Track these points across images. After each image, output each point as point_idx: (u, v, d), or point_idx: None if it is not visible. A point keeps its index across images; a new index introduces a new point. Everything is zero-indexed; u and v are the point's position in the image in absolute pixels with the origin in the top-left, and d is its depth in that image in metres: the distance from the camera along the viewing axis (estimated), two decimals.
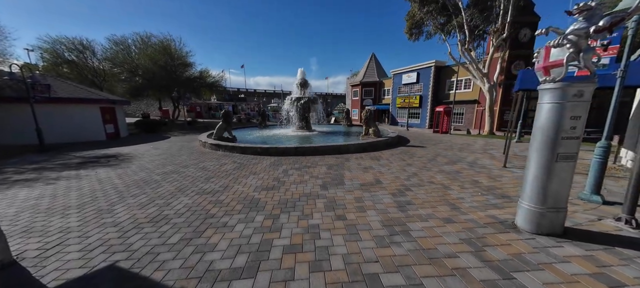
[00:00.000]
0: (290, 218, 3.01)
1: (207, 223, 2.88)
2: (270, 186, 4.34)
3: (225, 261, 2.13)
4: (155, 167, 6.03)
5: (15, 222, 3.03)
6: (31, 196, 3.99)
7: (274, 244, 2.38)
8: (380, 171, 5.35)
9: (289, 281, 1.85)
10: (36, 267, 2.09)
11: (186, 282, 1.88)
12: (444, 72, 22.48)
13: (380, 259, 2.07)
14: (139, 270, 2.04)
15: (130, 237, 2.59)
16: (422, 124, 23.88)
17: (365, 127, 9.99)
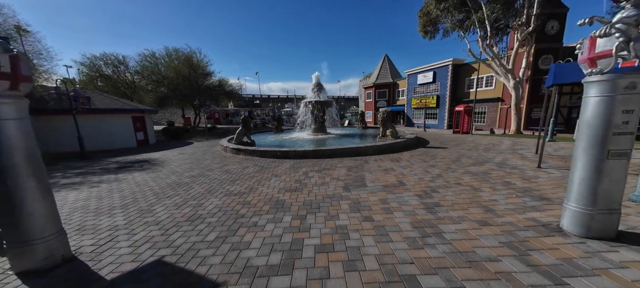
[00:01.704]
0: (317, 219, 3.04)
1: (239, 223, 3.00)
2: (293, 188, 4.42)
3: (261, 258, 2.21)
4: (183, 170, 6.39)
5: (68, 221, 3.36)
6: (79, 198, 4.41)
7: (305, 243, 2.42)
8: (402, 173, 5.24)
9: (324, 279, 1.87)
10: (93, 261, 2.31)
11: (228, 276, 1.97)
12: (463, 70, 21.60)
13: (415, 261, 2.03)
14: (183, 264, 2.18)
15: (172, 234, 2.77)
16: (440, 125, 23.02)
17: (382, 128, 9.85)
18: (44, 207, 2.18)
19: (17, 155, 2.02)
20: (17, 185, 2.03)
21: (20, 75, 2.01)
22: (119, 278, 2.03)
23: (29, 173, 2.09)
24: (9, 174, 2.00)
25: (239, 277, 1.97)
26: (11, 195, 2.01)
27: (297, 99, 53.69)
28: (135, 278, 2.03)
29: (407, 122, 27.02)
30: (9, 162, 1.99)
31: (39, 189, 2.15)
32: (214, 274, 2.02)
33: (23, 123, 2.08)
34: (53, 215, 2.26)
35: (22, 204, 2.06)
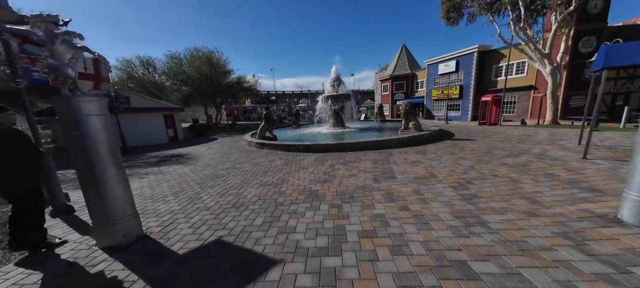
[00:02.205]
0: (353, 207, 3.14)
1: (280, 210, 3.20)
2: (322, 179, 4.55)
3: (309, 241, 2.37)
4: (216, 163, 6.83)
5: None
6: (134, 187, 4.92)
7: (347, 230, 2.54)
8: (431, 165, 5.15)
9: (374, 261, 1.98)
10: (162, 239, 2.63)
11: (283, 255, 2.15)
12: (490, 57, 20.18)
13: (463, 248, 2.05)
14: (240, 244, 2.41)
15: (223, 218, 3.04)
16: (463, 116, 21.87)
17: (404, 121, 9.63)
18: (123, 191, 2.51)
19: (101, 146, 2.35)
20: (102, 172, 2.36)
21: (101, 76, 2.32)
22: (188, 254, 2.30)
23: (111, 162, 2.42)
24: (96, 162, 2.33)
25: (293, 256, 2.14)
26: (98, 181, 2.35)
27: (312, 94, 53.81)
28: (201, 254, 2.29)
29: (426, 115, 26.01)
30: (95, 152, 2.32)
31: (119, 176, 2.48)
32: (270, 253, 2.21)
33: (104, 118, 2.39)
34: (129, 199, 2.59)
35: (106, 189, 2.39)
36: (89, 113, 2.27)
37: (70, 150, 2.29)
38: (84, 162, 2.30)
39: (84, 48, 2.27)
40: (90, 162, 2.31)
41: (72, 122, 2.22)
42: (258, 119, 34.80)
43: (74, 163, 2.32)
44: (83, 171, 2.33)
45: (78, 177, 2.37)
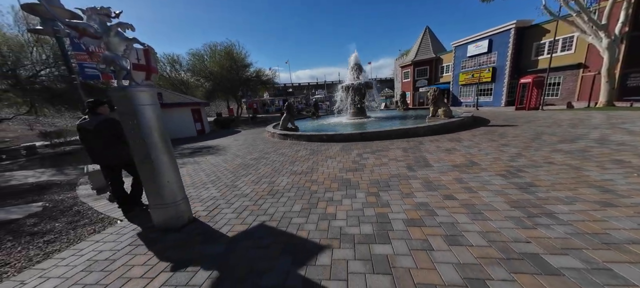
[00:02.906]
0: (391, 196, 3.02)
1: (316, 198, 3.19)
2: (353, 168, 4.46)
3: (353, 228, 2.32)
4: (245, 154, 7.06)
5: None
6: None
7: (391, 218, 2.45)
8: (470, 152, 4.78)
9: (428, 250, 1.87)
10: (210, 222, 2.77)
11: (329, 241, 2.14)
12: (530, 33, 18.00)
13: (532, 240, 1.86)
14: (284, 228, 2.45)
15: (262, 204, 3.12)
16: (495, 102, 20.06)
17: (433, 107, 9.06)
18: (174, 177, 2.66)
19: (155, 134, 2.49)
20: (157, 159, 2.51)
21: (152, 67, 2.42)
22: (237, 236, 2.40)
23: (164, 150, 2.56)
24: (152, 150, 2.47)
25: (340, 242, 2.12)
26: (154, 167, 2.50)
27: (328, 85, 53.06)
28: (248, 236, 2.37)
29: (452, 102, 24.30)
30: (150, 139, 2.46)
31: (171, 162, 2.63)
32: (315, 238, 2.22)
33: (156, 108, 2.52)
34: (180, 184, 2.75)
35: (160, 174, 2.55)
36: (143, 103, 2.40)
37: (129, 139, 2.46)
38: (142, 150, 2.46)
39: (134, 39, 2.37)
40: (147, 149, 2.46)
41: (129, 112, 2.36)
42: (276, 111, 35.32)
43: (132, 151, 2.49)
44: (140, 158, 2.50)
45: (136, 163, 2.55)
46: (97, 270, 2.07)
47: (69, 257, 2.33)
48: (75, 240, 2.67)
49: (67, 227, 3.04)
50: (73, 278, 1.99)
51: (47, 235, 2.83)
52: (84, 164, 7.30)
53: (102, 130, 2.87)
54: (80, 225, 3.05)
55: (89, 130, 2.89)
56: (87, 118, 2.97)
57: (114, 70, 2.34)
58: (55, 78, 12.39)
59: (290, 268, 1.85)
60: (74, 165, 7.38)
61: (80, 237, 2.72)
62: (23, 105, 13.92)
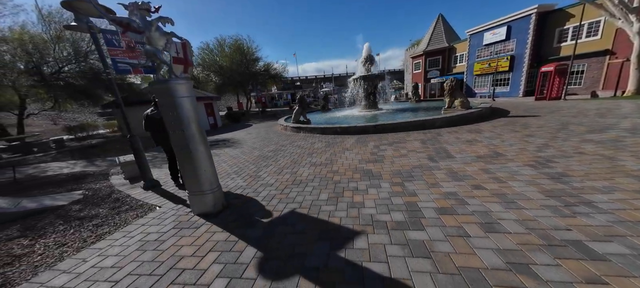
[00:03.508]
0: (417, 185, 3.06)
1: (340, 187, 3.27)
2: (372, 159, 4.49)
3: (384, 215, 2.39)
4: (261, 146, 7.22)
5: None
6: None
7: (421, 206, 2.49)
8: (493, 143, 4.69)
9: (465, 237, 1.91)
10: (243, 209, 2.91)
11: (363, 227, 2.22)
12: (553, 18, 16.98)
13: (573, 227, 1.86)
14: (315, 215, 2.55)
15: (288, 193, 3.24)
16: (513, 92, 19.27)
17: (449, 98, 8.84)
18: (210, 166, 2.80)
19: (192, 125, 2.61)
20: (195, 149, 2.64)
21: (189, 60, 2.51)
22: (271, 222, 2.52)
23: (201, 140, 2.69)
24: (190, 140, 2.61)
25: (373, 228, 2.19)
26: (192, 156, 2.64)
27: (335, 78, 52.41)
28: (283, 222, 2.48)
29: (466, 92, 23.50)
30: (189, 131, 2.59)
31: (207, 152, 2.76)
32: (348, 224, 2.30)
33: (193, 100, 2.63)
34: (214, 173, 2.89)
35: (198, 163, 2.69)
36: (182, 95, 2.51)
37: (169, 130, 2.60)
38: (181, 140, 2.59)
39: (173, 34, 2.47)
40: (186, 140, 2.59)
41: (170, 104, 2.49)
42: (285, 105, 35.38)
43: (172, 140, 2.63)
44: (180, 148, 2.64)
45: (176, 153, 2.70)
46: (150, 249, 2.26)
47: (121, 238, 2.53)
48: (121, 224, 2.88)
49: (110, 212, 3.27)
50: (130, 256, 2.17)
51: (95, 220, 3.07)
52: (113, 156, 7.71)
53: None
54: (122, 210, 3.28)
55: (156, 119, 3.58)
56: (154, 110, 3.62)
57: (154, 64, 2.45)
58: (77, 74, 12.91)
59: (330, 251, 1.94)
60: (102, 156, 7.80)
61: (126, 221, 2.93)
62: (48, 101, 14.66)
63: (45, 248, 2.48)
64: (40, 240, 2.66)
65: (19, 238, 2.74)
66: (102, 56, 3.58)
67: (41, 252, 2.43)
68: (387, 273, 1.62)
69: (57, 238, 2.68)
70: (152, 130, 3.73)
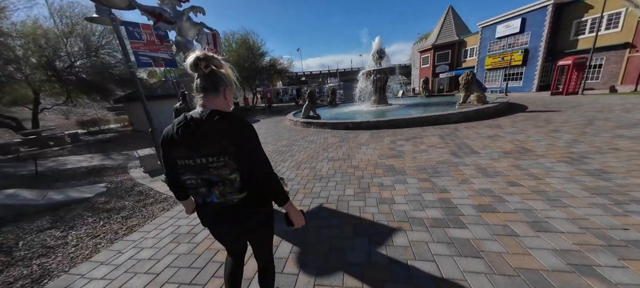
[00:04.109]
0: (446, 181, 2.97)
1: (365, 183, 3.21)
2: (391, 155, 4.41)
3: (418, 212, 2.32)
4: (274, 141, 7.19)
5: None
6: None
7: (456, 203, 2.41)
8: (516, 139, 4.55)
9: (514, 236, 1.83)
10: None
11: (399, 223, 2.16)
12: (570, 10, 16.31)
13: (631, 227, 1.76)
14: (345, 210, 2.51)
15: (312, 188, 3.19)
16: (525, 87, 18.75)
17: (465, 92, 8.61)
18: None
19: None
20: None
21: (219, 52, 2.45)
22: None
23: None
24: None
25: (410, 224, 2.13)
26: None
27: (340, 73, 51.81)
28: (314, 217, 2.45)
29: None
30: None
31: None
32: (382, 221, 2.25)
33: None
34: None
35: None
36: None
37: None
38: None
39: (202, 24, 2.40)
40: None
41: None
42: (290, 100, 35.22)
43: None
44: None
45: None
46: (184, 241, 2.25)
47: (152, 230, 2.54)
48: (150, 216, 2.89)
49: (136, 204, 3.29)
50: (165, 248, 2.17)
51: (122, 212, 3.09)
52: (128, 150, 7.80)
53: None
54: (148, 203, 3.29)
55: (184, 112, 3.67)
56: (182, 103, 3.81)
57: (185, 55, 2.40)
58: (89, 69, 13.03)
59: (370, 247, 1.90)
60: (117, 150, 7.91)
61: (153, 214, 2.94)
62: (61, 96, 14.88)
63: (78, 240, 2.50)
64: (72, 232, 2.69)
65: (50, 229, 2.78)
66: (124, 49, 3.54)
67: (75, 243, 2.45)
68: (437, 273, 1.56)
69: (89, 230, 2.71)
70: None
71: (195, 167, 0.96)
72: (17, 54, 10.65)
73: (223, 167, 0.93)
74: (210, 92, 0.97)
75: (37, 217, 3.12)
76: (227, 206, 0.99)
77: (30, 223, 2.93)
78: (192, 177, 0.98)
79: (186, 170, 0.98)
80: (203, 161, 0.93)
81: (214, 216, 1.05)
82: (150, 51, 3.85)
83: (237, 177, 0.95)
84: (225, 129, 0.92)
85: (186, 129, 0.92)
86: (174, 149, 0.96)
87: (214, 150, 0.91)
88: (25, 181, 4.93)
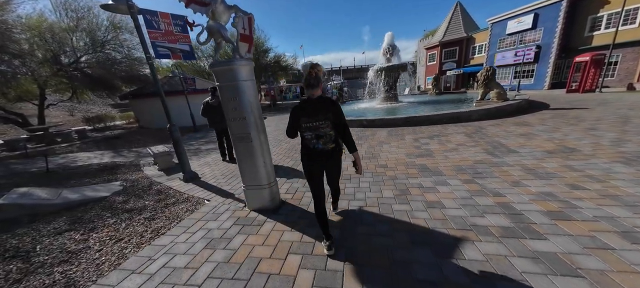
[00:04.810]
0: (494, 183, 2.74)
1: (401, 183, 2.98)
2: (419, 153, 4.17)
3: (479, 219, 2.09)
4: (288, 139, 6.94)
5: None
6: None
7: (519, 209, 2.17)
8: (553, 137, 4.29)
9: (610, 250, 1.58)
10: (302, 205, 2.67)
11: (461, 232, 1.93)
12: (585, 5, 15.83)
13: None
14: (390, 215, 2.29)
15: (344, 189, 2.96)
16: (537, 84, 18.32)
17: (483, 89, 8.31)
18: (268, 158, 2.54)
19: (254, 112, 2.34)
20: (256, 138, 2.38)
21: (253, 38, 2.21)
22: (344, 222, 2.26)
23: (260, 129, 2.42)
24: (251, 129, 2.34)
25: (475, 233, 1.90)
26: (253, 147, 2.38)
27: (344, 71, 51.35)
28: (357, 222, 2.22)
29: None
30: (250, 118, 2.32)
31: (265, 144, 2.50)
32: (438, 228, 2.02)
33: (254, 83, 2.35)
34: (272, 166, 2.63)
35: (258, 155, 2.43)
36: (244, 78, 2.23)
37: (229, 120, 2.33)
38: (242, 130, 2.33)
39: (236, 8, 2.16)
40: (247, 128, 2.32)
41: (232, 88, 2.21)
42: (294, 98, 34.93)
43: (232, 132, 2.37)
44: (239, 139, 2.38)
45: (234, 145, 2.45)
46: (219, 248, 2.04)
47: (181, 234, 2.33)
48: (174, 218, 2.69)
49: (157, 204, 3.09)
50: (200, 255, 1.96)
51: (144, 213, 2.88)
52: (137, 147, 7.61)
53: (220, 106, 4.17)
54: (170, 204, 3.08)
55: (214, 106, 4.44)
56: (211, 98, 4.51)
57: (217, 43, 2.16)
58: (94, 64, 12.83)
59: (436, 260, 1.67)
60: (126, 147, 7.72)
61: (178, 216, 2.73)
62: (66, 91, 14.73)
63: (101, 244, 2.30)
64: (93, 235, 2.49)
65: (69, 231, 2.58)
66: (142, 39, 3.32)
67: (98, 248, 2.25)
68: None
69: (111, 232, 2.51)
70: (208, 115, 4.56)
71: (312, 127, 1.68)
72: (23, 48, 10.46)
73: (325, 127, 1.67)
74: (316, 87, 1.65)
75: (53, 217, 2.92)
76: (325, 151, 1.73)
77: (46, 224, 2.73)
78: (310, 133, 1.70)
79: (306, 129, 1.70)
80: (316, 124, 1.66)
81: (316, 155, 1.75)
82: (168, 42, 3.62)
83: (332, 133, 1.71)
84: (329, 105, 1.65)
85: (309, 104, 1.66)
86: (302, 116, 1.68)
87: (322, 117, 1.64)
88: (36, 179, 4.75)
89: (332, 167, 1.86)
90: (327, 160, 1.76)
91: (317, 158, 1.74)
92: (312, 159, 1.76)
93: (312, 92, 1.64)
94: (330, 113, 1.63)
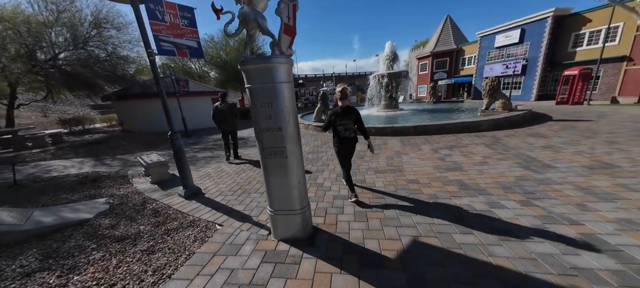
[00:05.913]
0: (557, 206, 2.44)
1: (446, 205, 2.62)
2: (447, 167, 3.85)
3: (575, 258, 1.75)
4: None
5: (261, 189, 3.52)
6: (241, 174, 4.73)
7: (614, 243, 1.86)
8: (579, 150, 4.15)
9: None
10: (339, 233, 2.22)
11: (564, 279, 1.56)
12: (569, 23, 16.82)
13: None
14: (459, 250, 1.89)
15: (381, 211, 2.56)
16: (524, 96, 19.10)
17: (488, 99, 8.33)
18: (302, 177, 2.09)
19: (291, 121, 1.89)
20: (291, 153, 1.93)
21: (295, 31, 1.80)
22: (402, 258, 1.83)
23: (297, 139, 1.97)
24: (287, 141, 1.89)
25: (588, 281, 1.54)
26: (288, 165, 1.93)
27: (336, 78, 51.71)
28: (421, 259, 1.81)
29: (473, 95, 23.26)
30: (286, 129, 1.87)
31: (300, 159, 2.04)
32: (532, 271, 1.66)
33: (292, 86, 1.91)
34: (305, 187, 2.18)
35: (293, 173, 1.98)
36: (282, 79, 1.80)
37: (260, 132, 1.86)
38: (277, 143, 1.87)
39: None
40: (282, 141, 1.87)
41: (267, 92, 1.76)
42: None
43: (262, 146, 1.90)
44: (272, 154, 1.91)
45: (263, 160, 1.98)
46: None
47: (195, 277, 1.79)
48: (180, 250, 2.14)
49: (156, 230, 2.51)
50: None
51: (140, 242, 2.31)
52: (121, 154, 6.78)
53: (228, 111, 5.05)
54: (172, 229, 2.52)
55: (223, 110, 4.97)
56: (221, 103, 4.99)
57: (250, 35, 1.72)
58: (74, 62, 11.76)
59: None
60: (109, 154, 6.87)
61: (185, 247, 2.18)
62: (40, 91, 13.41)
63: None
64: (74, 277, 1.89)
65: (41, 272, 1.96)
66: (144, 32, 2.80)
67: None
68: None
69: (97, 273, 1.92)
70: (217, 119, 5.05)
71: (344, 124, 2.70)
72: None
73: (351, 123, 2.72)
74: (346, 98, 2.70)
75: (20, 249, 2.27)
76: (350, 138, 2.76)
77: (10, 261, 2.09)
78: (342, 127, 2.71)
79: (340, 124, 2.70)
80: (346, 121, 2.70)
81: (345, 141, 2.76)
82: (173, 36, 3.11)
83: (355, 127, 2.77)
84: (352, 111, 2.74)
85: (341, 109, 2.70)
86: (339, 117, 2.70)
87: (350, 118, 2.71)
88: (0, 194, 3.94)
89: (352, 148, 2.84)
90: (350, 144, 2.80)
91: (346, 142, 2.77)
92: (342, 143, 2.78)
93: (343, 102, 2.68)
94: (353, 115, 2.72)
